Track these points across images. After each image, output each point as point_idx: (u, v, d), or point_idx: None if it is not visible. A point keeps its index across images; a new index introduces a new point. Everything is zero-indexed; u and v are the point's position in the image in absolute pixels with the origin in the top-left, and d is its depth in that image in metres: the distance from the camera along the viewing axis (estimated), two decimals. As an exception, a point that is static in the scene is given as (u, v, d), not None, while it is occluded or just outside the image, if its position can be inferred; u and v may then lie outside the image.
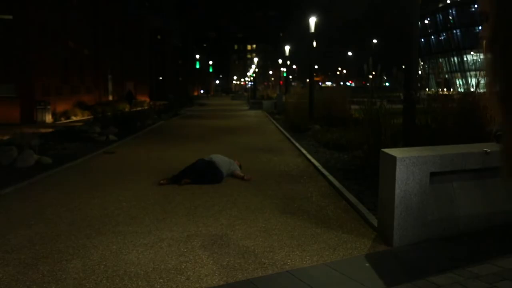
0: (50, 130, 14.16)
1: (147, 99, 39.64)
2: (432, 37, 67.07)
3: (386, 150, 4.19)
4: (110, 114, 17.19)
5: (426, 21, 66.07)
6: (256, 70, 59.27)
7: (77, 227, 4.53)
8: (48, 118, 19.09)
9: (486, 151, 4.16)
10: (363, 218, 4.73)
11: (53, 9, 21.40)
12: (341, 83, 41.05)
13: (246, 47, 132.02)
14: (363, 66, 7.34)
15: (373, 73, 7.44)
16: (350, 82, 72.34)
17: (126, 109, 22.88)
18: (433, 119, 6.17)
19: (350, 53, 78.73)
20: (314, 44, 15.44)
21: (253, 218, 4.84)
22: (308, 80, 16.95)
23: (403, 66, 6.21)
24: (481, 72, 6.16)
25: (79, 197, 5.81)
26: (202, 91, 78.55)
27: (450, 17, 61.88)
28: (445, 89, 7.58)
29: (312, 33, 15.21)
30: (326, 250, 3.86)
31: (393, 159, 3.91)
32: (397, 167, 3.85)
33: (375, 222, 4.42)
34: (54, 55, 21.44)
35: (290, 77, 47.77)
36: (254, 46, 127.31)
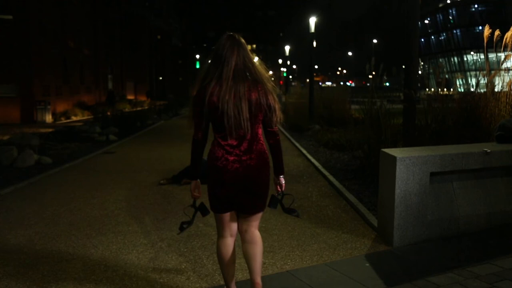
0: (50, 130, 14.17)
1: (147, 99, 39.62)
2: (432, 37, 67.06)
3: (386, 150, 4.19)
4: (110, 114, 17.21)
5: (426, 21, 66.06)
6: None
7: (77, 227, 4.53)
8: (48, 118, 19.09)
9: (486, 151, 4.16)
10: (363, 218, 4.73)
11: (53, 9, 21.41)
12: (341, 83, 41.06)
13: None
14: (365, 66, 7.33)
15: (373, 73, 7.43)
16: (350, 82, 72.42)
17: (126, 109, 22.81)
18: (433, 119, 6.17)
19: (350, 53, 78.73)
20: (314, 44, 15.45)
21: (253, 218, 4.83)
22: (308, 80, 16.96)
23: (403, 66, 6.21)
24: (481, 72, 6.15)
25: (79, 197, 5.81)
26: None
27: (450, 17, 61.86)
28: (445, 89, 7.57)
29: (312, 33, 15.21)
30: (326, 250, 3.87)
31: (393, 159, 3.91)
32: (397, 167, 3.85)
33: (375, 222, 4.42)
34: (54, 55, 21.46)
35: (290, 77, 47.78)
36: (254, 46, 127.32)
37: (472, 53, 56.04)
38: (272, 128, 2.65)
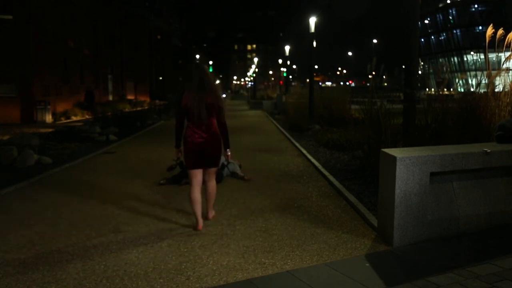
0: (50, 130, 14.17)
1: (147, 99, 39.64)
2: (432, 37, 67.04)
3: (386, 150, 4.19)
4: (110, 114, 17.22)
5: (426, 21, 66.04)
6: (256, 70, 59.27)
7: (77, 227, 4.53)
8: (48, 118, 19.09)
9: (486, 151, 4.16)
10: (363, 218, 4.73)
11: (53, 9, 21.40)
12: (341, 83, 41.06)
13: (246, 47, 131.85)
14: (367, 66, 7.31)
15: (373, 73, 7.42)
16: (350, 82, 72.36)
17: (126, 109, 22.76)
18: (433, 119, 6.17)
19: (350, 53, 78.71)
20: (314, 44, 15.43)
21: (253, 218, 4.84)
22: (308, 80, 16.94)
23: (403, 66, 6.20)
24: (486, 72, 6.13)
25: (79, 197, 5.81)
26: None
27: (450, 17, 61.85)
28: (445, 89, 7.56)
29: (312, 33, 15.19)
30: (326, 250, 3.87)
31: (393, 159, 3.91)
32: (397, 167, 3.85)
33: (375, 222, 4.42)
34: (54, 55, 21.45)
35: (290, 77, 47.78)
36: (254, 46, 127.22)
37: (472, 53, 56.06)
38: (222, 121, 4.47)
